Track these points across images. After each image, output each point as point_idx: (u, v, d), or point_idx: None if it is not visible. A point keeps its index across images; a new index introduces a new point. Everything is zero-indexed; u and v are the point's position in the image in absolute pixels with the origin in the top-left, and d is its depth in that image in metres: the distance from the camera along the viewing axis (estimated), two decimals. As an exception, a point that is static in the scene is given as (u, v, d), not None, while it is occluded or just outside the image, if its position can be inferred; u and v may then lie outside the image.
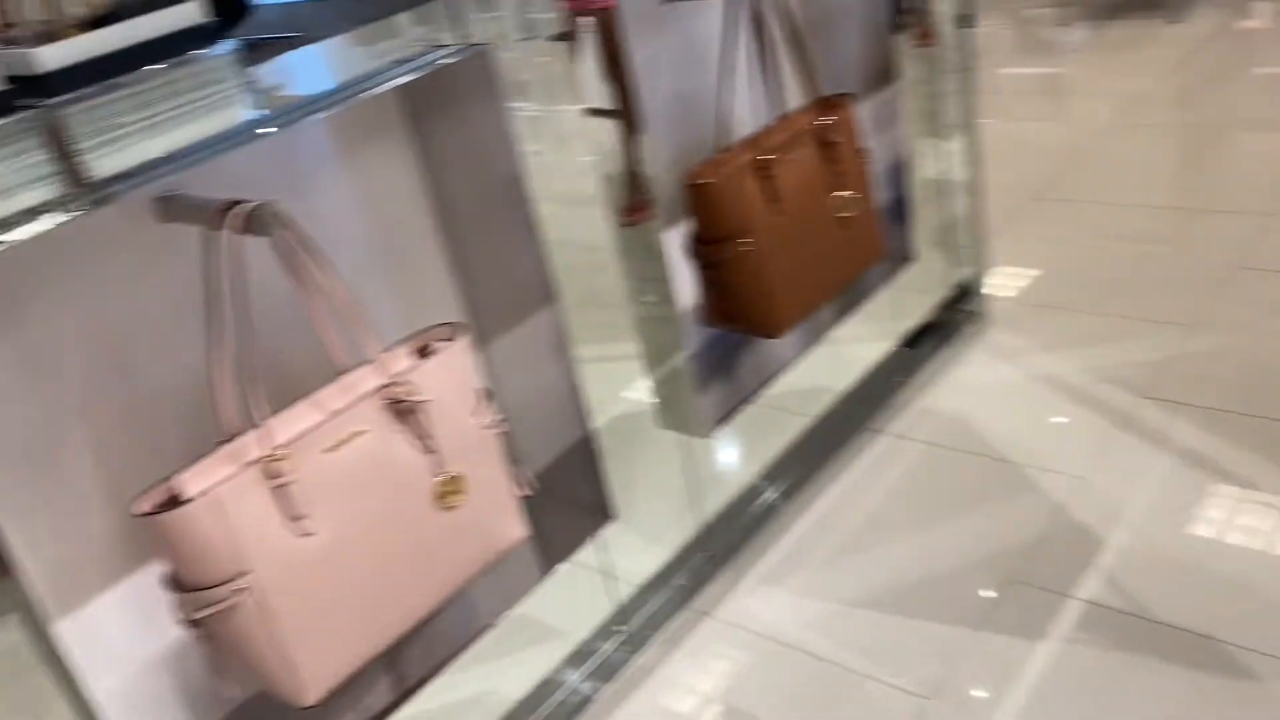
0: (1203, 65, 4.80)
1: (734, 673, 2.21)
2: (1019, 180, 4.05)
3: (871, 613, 2.28)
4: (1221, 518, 2.32)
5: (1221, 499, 2.37)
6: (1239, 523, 2.30)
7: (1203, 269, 3.21)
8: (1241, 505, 2.34)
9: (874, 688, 2.11)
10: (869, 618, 2.27)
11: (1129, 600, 2.18)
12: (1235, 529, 2.29)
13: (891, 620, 2.25)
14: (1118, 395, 2.75)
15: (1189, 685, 1.97)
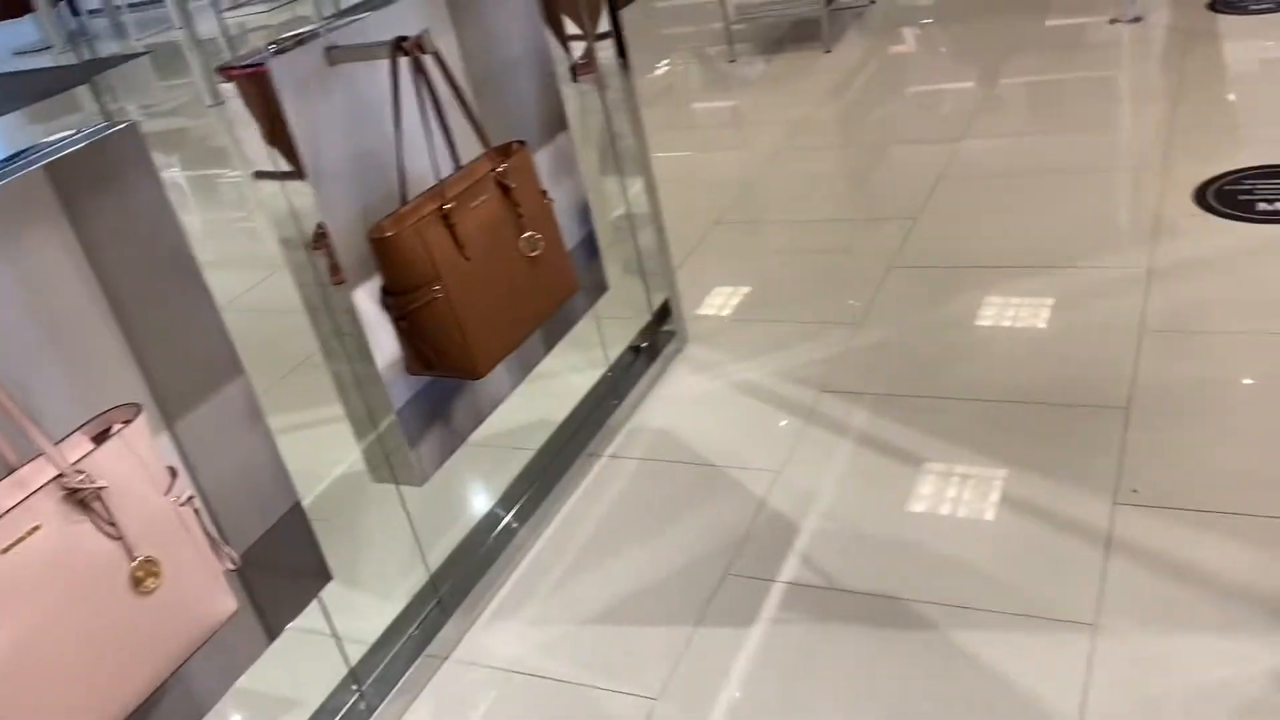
0: (860, 89, 5.35)
1: (472, 710, 2.26)
2: (707, 206, 4.36)
3: (600, 628, 2.40)
4: (897, 489, 2.62)
5: (896, 473, 2.66)
6: (912, 491, 2.60)
7: (864, 272, 3.59)
8: (913, 475, 2.65)
9: (606, 698, 2.22)
10: (598, 633, 2.39)
11: (825, 576, 2.41)
12: (909, 497, 2.58)
13: (619, 632, 2.38)
14: (802, 393, 3.03)
15: (881, 642, 2.21)
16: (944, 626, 2.22)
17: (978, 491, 2.55)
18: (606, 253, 3.28)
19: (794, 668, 2.20)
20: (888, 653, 2.18)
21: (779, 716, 2.09)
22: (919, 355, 3.10)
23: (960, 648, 2.15)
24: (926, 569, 2.36)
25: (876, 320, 3.30)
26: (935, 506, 2.53)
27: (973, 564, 2.34)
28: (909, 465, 2.68)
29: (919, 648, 2.18)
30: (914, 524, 2.49)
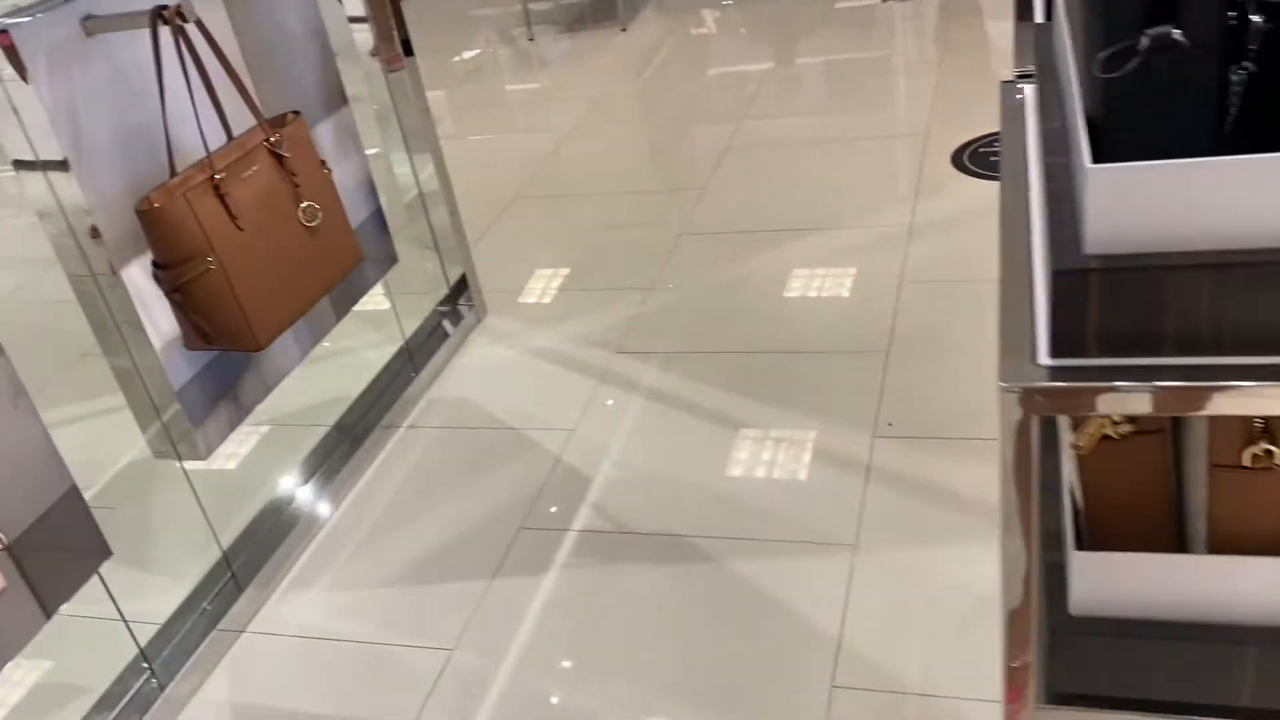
0: (656, 67, 5.51)
1: (271, 678, 2.27)
2: (507, 182, 4.42)
3: (399, 589, 2.45)
4: (683, 437, 2.76)
5: (682, 423, 2.81)
6: (696, 439, 2.75)
7: (656, 240, 3.74)
8: (697, 425, 2.80)
9: (405, 653, 2.27)
10: (397, 594, 2.44)
11: (615, 522, 2.53)
12: (693, 444, 2.73)
13: (417, 591, 2.44)
14: (597, 355, 3.15)
15: (666, 576, 2.35)
16: (723, 558, 2.37)
17: (755, 435, 2.72)
18: (404, 230, 3.30)
19: (585, 607, 2.31)
20: (673, 585, 2.32)
21: (570, 652, 2.20)
22: (706, 315, 3.27)
23: (738, 575, 2.31)
24: (708, 508, 2.52)
25: (666, 284, 3.45)
26: (717, 451, 2.69)
27: (749, 500, 2.51)
28: (694, 416, 2.83)
29: (701, 578, 2.33)
30: (697, 468, 2.64)
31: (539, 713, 2.09)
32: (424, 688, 2.19)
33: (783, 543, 2.38)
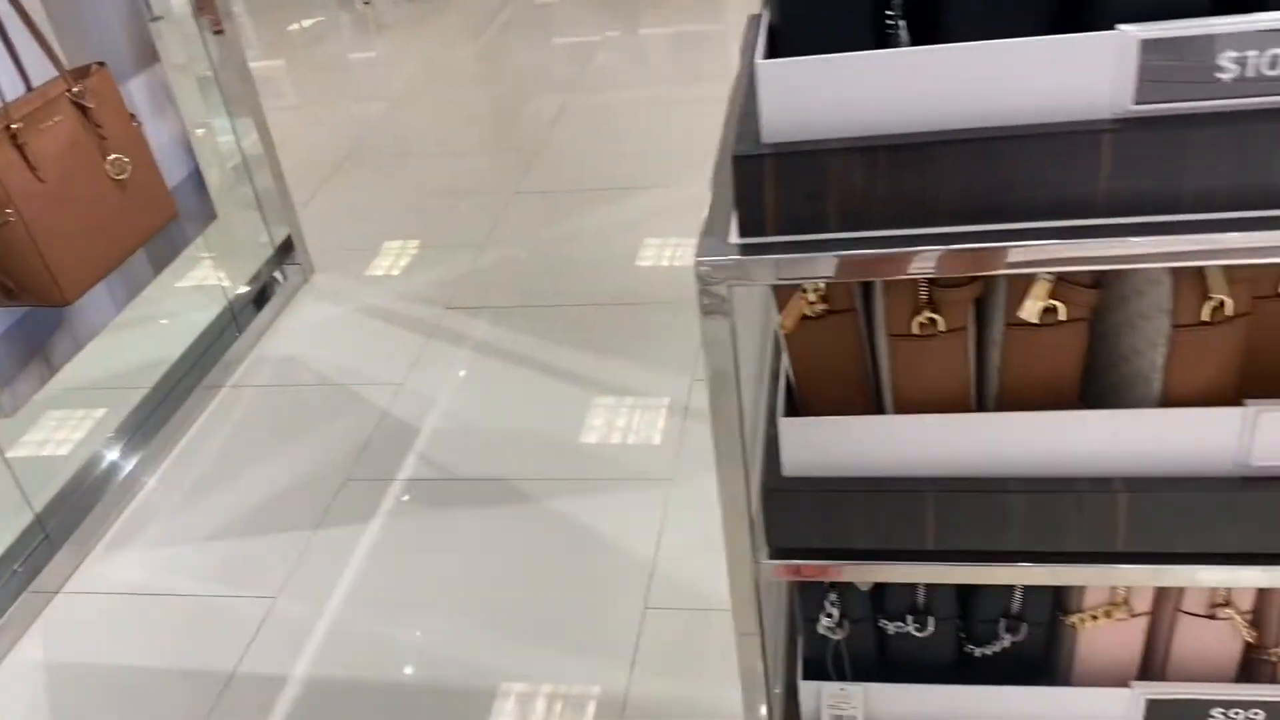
0: (499, 33, 5.52)
1: (91, 637, 2.25)
2: (339, 144, 4.38)
3: (222, 544, 2.45)
4: (509, 387, 2.83)
5: (510, 374, 2.88)
6: (522, 388, 2.82)
7: (490, 198, 3.78)
8: (524, 375, 2.87)
9: (228, 604, 2.28)
10: (220, 549, 2.43)
11: (440, 469, 2.59)
12: (519, 393, 2.80)
13: (241, 544, 2.44)
14: (427, 311, 3.18)
15: (491, 518, 2.42)
16: (546, 498, 2.46)
17: (580, 382, 2.81)
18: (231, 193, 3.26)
19: (410, 551, 2.36)
20: (496, 526, 2.39)
21: (393, 593, 2.25)
22: (536, 271, 3.34)
23: (560, 513, 2.40)
24: (533, 452, 2.60)
25: (498, 242, 3.51)
26: (543, 399, 2.77)
27: (574, 443, 2.60)
28: (522, 367, 2.90)
29: (524, 518, 2.41)
30: (523, 416, 2.72)
31: (361, 650, 2.13)
32: (246, 635, 2.20)
33: (604, 480, 2.48)
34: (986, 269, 0.89)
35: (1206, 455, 1.01)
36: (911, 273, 0.88)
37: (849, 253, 0.88)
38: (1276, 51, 0.82)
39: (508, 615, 2.16)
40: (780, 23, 0.93)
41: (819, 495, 1.06)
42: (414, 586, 2.26)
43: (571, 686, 2.00)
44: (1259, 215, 0.86)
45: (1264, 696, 1.18)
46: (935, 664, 1.25)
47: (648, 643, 2.08)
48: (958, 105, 0.87)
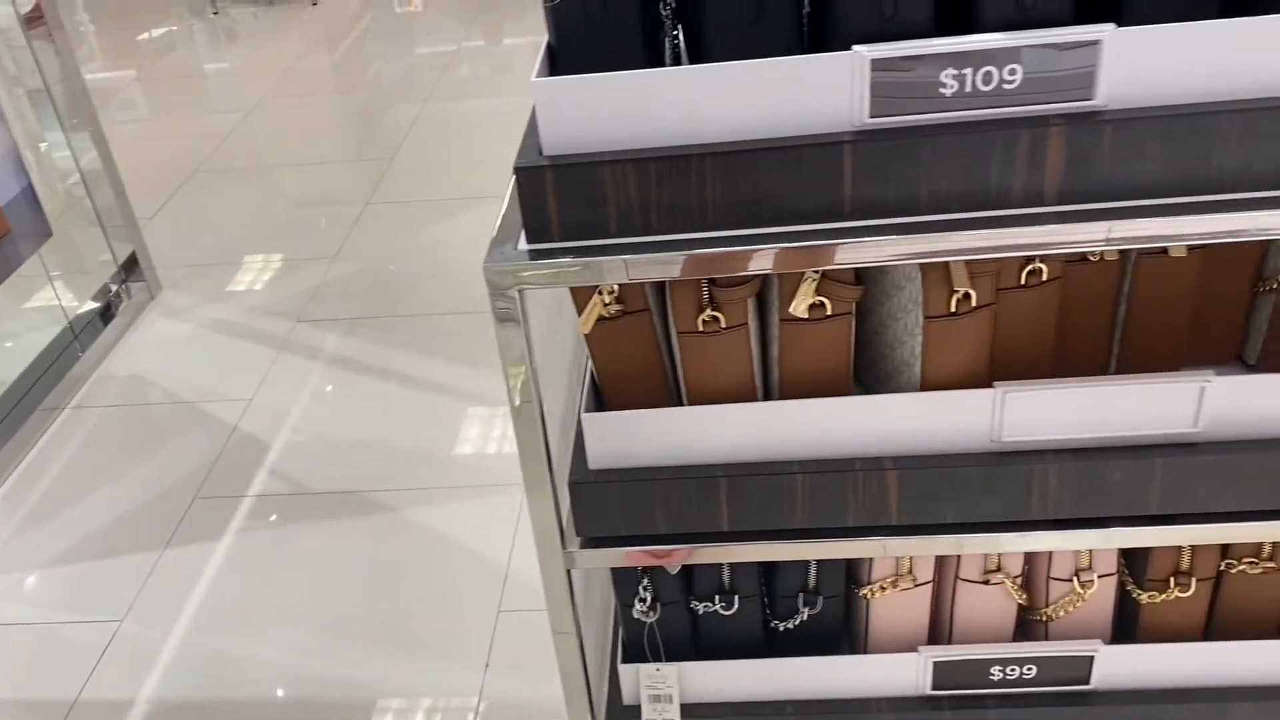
0: (357, 43, 5.47)
1: (-85, 668, 2.17)
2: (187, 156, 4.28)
3: (63, 568, 2.38)
4: (363, 399, 2.83)
5: (362, 385, 2.87)
6: (376, 399, 2.82)
7: (343, 209, 3.76)
8: (377, 385, 2.87)
9: (69, 630, 2.23)
10: (61, 574, 2.37)
11: (292, 484, 2.57)
12: (373, 404, 2.80)
13: (83, 568, 2.38)
14: (278, 325, 3.15)
15: (344, 531, 2.41)
16: (401, 507, 2.47)
17: (433, 391, 2.83)
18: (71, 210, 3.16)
19: (260, 567, 2.34)
20: (350, 537, 2.39)
21: (243, 610, 2.23)
22: (389, 281, 3.34)
23: (415, 522, 2.42)
24: (387, 462, 2.60)
25: (350, 253, 3.49)
26: (397, 409, 2.78)
27: (430, 452, 2.62)
28: (375, 378, 2.90)
29: (379, 529, 2.41)
30: (376, 427, 2.72)
31: (211, 669, 2.11)
32: (90, 661, 2.15)
33: (459, 488, 2.51)
34: (749, 269, 0.97)
35: (963, 433, 1.11)
36: (681, 275, 0.95)
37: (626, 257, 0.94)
38: (989, 69, 0.91)
39: (361, 627, 2.17)
40: (557, 42, 0.99)
41: (623, 485, 1.12)
42: (265, 603, 2.24)
43: (425, 693, 2.03)
44: (984, 215, 0.96)
45: (1035, 653, 1.30)
46: (743, 640, 1.33)
47: (501, 645, 2.11)
48: (717, 120, 0.95)
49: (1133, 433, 1.09)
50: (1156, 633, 1.29)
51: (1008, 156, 0.92)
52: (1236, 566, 1.23)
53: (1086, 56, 0.89)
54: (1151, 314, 1.14)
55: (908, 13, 0.91)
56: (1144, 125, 0.91)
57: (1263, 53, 0.91)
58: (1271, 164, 0.93)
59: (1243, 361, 1.26)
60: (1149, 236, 0.94)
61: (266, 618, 2.21)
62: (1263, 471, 1.09)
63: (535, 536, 1.12)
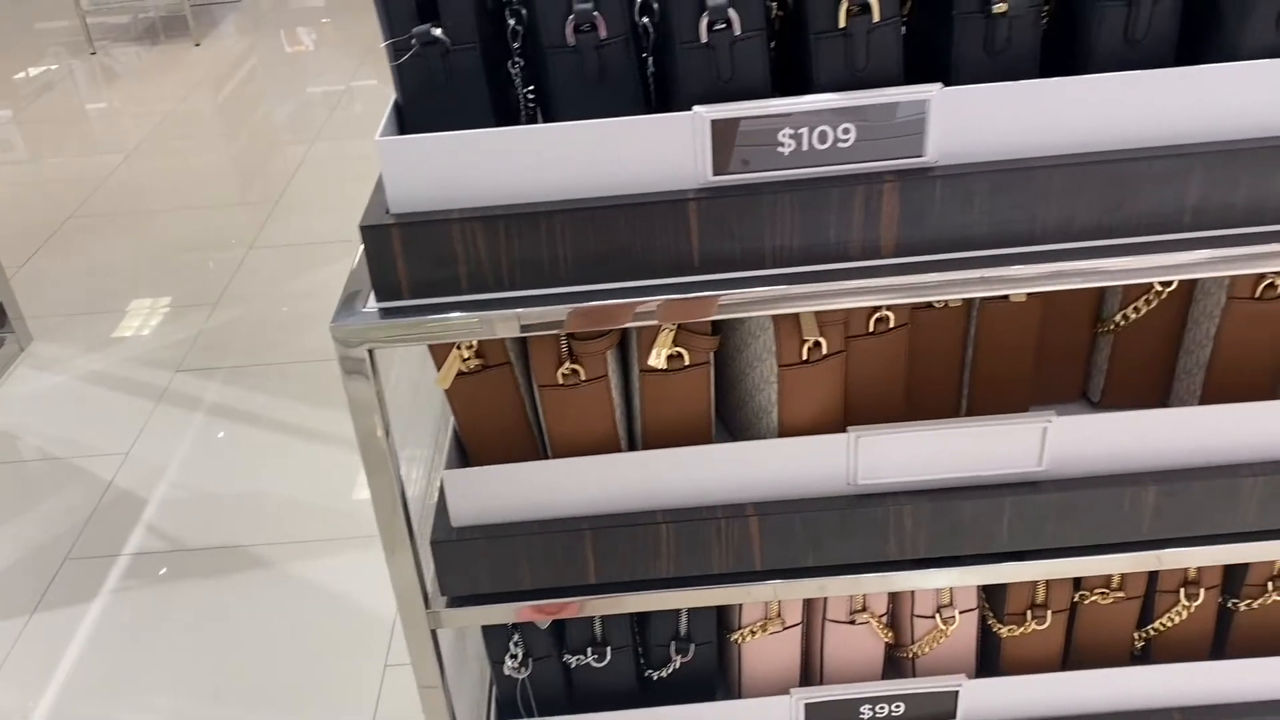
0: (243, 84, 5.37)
1: None
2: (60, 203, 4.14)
3: (-82, 639, 2.26)
4: (244, 450, 2.75)
5: (244, 436, 2.79)
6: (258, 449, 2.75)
7: (224, 255, 3.67)
8: (259, 435, 2.79)
9: (-76, 705, 2.11)
10: (-85, 645, 2.25)
11: (170, 541, 2.48)
12: (255, 455, 2.73)
13: (-60, 638, 2.26)
14: (157, 375, 3.05)
15: (224, 588, 2.33)
16: (284, 562, 2.40)
17: (318, 440, 2.77)
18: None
19: (135, 630, 2.25)
20: (231, 596, 2.32)
21: (117, 675, 2.14)
22: (273, 326, 3.26)
23: (298, 576, 2.35)
24: (270, 515, 2.53)
25: (233, 299, 3.41)
26: (280, 460, 2.71)
27: (313, 503, 2.55)
28: (258, 428, 2.83)
29: (261, 585, 2.34)
30: (258, 479, 2.65)
31: (78, 739, 2.02)
32: (-52, 737, 2.04)
33: (343, 540, 2.45)
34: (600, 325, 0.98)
35: (821, 478, 1.13)
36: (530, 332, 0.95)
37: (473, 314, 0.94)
38: (824, 128, 0.94)
39: (243, 689, 2.10)
40: (404, 100, 0.98)
41: (487, 542, 1.11)
42: (141, 667, 2.15)
43: (308, 752, 1.97)
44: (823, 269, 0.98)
45: (903, 690, 1.32)
46: (618, 691, 1.32)
47: (388, 701, 2.06)
48: (566, 178, 0.96)
49: (982, 473, 1.13)
50: (1018, 665, 1.32)
51: (845, 212, 0.95)
52: (1089, 597, 1.28)
53: (915, 115, 0.93)
54: (997, 357, 1.18)
55: (745, 74, 0.94)
56: (972, 180, 0.95)
57: (1083, 109, 0.96)
58: (1093, 214, 0.98)
59: (1088, 399, 1.31)
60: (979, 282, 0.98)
61: (143, 683, 2.12)
62: (1105, 506, 1.14)
63: (396, 598, 1.10)
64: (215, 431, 2.82)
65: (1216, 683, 1.33)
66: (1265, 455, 1.15)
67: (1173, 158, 0.96)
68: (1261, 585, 1.30)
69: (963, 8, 0.95)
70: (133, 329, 3.29)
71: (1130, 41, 0.97)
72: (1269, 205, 0.99)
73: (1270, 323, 1.17)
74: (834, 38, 0.93)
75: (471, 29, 0.95)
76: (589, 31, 0.94)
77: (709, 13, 0.91)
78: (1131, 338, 1.23)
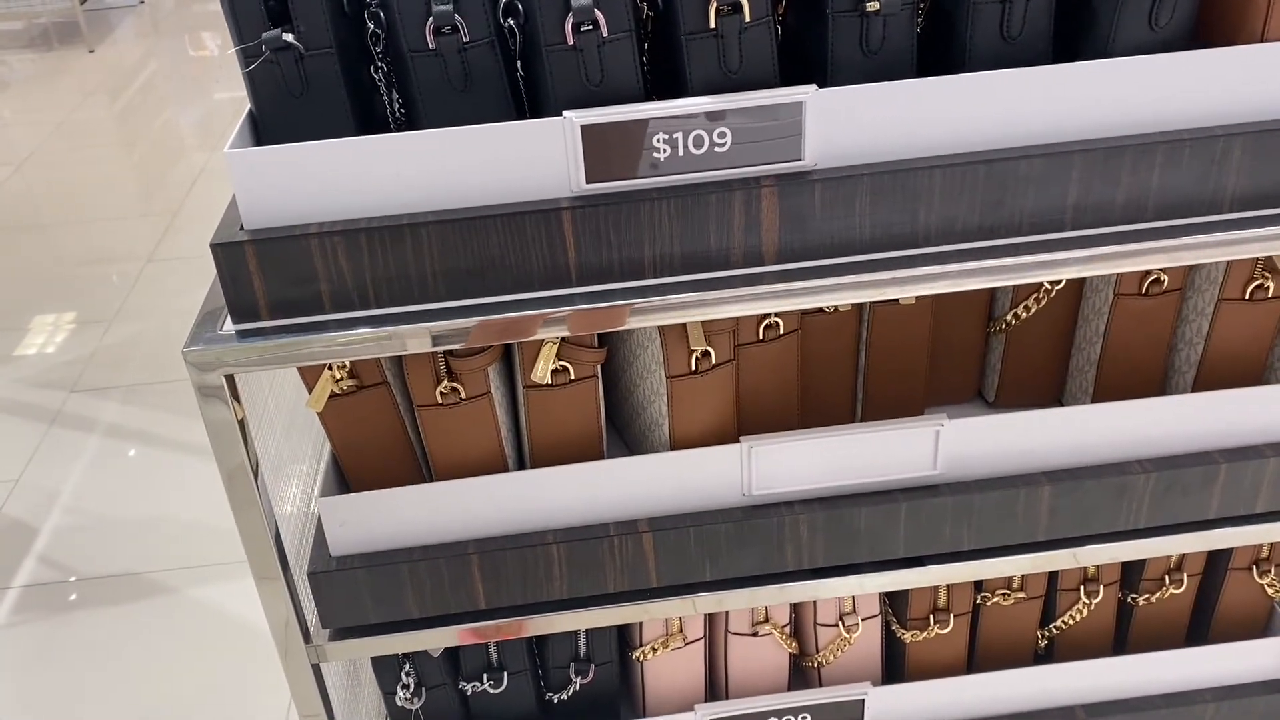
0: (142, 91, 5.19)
1: None
2: (-49, 219, 3.96)
3: None
4: (143, 472, 2.64)
5: (143, 457, 2.68)
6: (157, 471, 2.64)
7: (121, 269, 3.53)
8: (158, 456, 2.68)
9: None
10: None
11: (64, 570, 2.37)
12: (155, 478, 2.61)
13: None
14: (48, 396, 2.92)
15: (124, 617, 2.23)
16: (187, 588, 2.30)
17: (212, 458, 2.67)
18: None
19: (30, 667, 2.13)
20: (131, 626, 2.21)
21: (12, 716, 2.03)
22: (168, 344, 3.13)
23: (205, 603, 2.26)
24: (173, 540, 2.43)
25: (131, 315, 3.28)
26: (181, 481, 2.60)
27: (217, 526, 2.46)
28: (158, 448, 2.72)
29: (164, 614, 2.24)
30: (160, 502, 2.54)
31: (-38, 787, 1.91)
32: None
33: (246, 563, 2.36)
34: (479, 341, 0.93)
35: (715, 490, 1.10)
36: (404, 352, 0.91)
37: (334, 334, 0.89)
38: (699, 132, 0.91)
39: None
40: (258, 109, 0.93)
41: (369, 572, 1.06)
42: (36, 705, 2.04)
43: (212, 787, 1.89)
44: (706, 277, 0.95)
45: (809, 700, 1.30)
46: (518, 716, 1.28)
47: (296, 727, 1.99)
48: (432, 187, 0.91)
49: (876, 478, 1.11)
50: (923, 670, 1.31)
51: (724, 218, 0.92)
52: (991, 599, 1.27)
53: (791, 118, 0.90)
54: (890, 360, 1.17)
55: (615, 78, 0.90)
56: (851, 182, 0.93)
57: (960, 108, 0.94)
58: (975, 215, 0.97)
59: (983, 399, 1.31)
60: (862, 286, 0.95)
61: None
62: (1000, 508, 1.12)
63: (272, 633, 1.05)
64: (112, 454, 2.70)
65: (1118, 678, 1.33)
66: (1156, 451, 1.15)
67: (1051, 156, 0.95)
68: (1159, 579, 1.31)
69: (836, 7, 0.92)
70: (24, 348, 3.14)
71: (1006, 39, 0.96)
72: (1148, 202, 0.98)
73: (1157, 318, 1.17)
74: (705, 38, 0.90)
75: (327, 33, 0.90)
76: (450, 34, 0.90)
77: (574, 14, 0.87)
78: (1023, 337, 1.22)
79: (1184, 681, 1.35)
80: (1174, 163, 0.97)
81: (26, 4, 5.72)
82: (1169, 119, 0.97)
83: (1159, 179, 0.97)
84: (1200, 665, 1.34)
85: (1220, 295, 1.13)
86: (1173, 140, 0.96)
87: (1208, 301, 1.15)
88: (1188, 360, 1.20)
